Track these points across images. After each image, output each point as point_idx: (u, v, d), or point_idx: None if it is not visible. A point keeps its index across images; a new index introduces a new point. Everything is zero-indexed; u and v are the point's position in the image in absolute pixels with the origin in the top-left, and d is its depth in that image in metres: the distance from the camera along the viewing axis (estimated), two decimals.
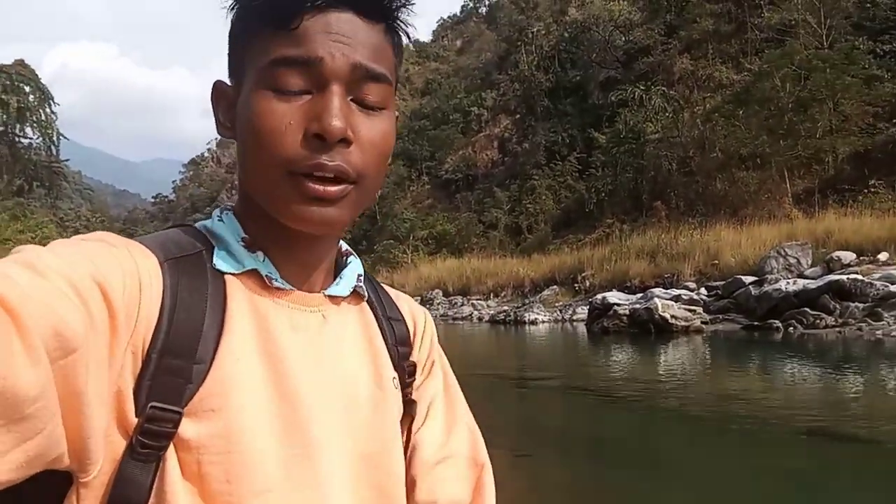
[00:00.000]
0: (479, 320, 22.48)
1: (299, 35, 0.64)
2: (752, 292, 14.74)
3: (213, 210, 0.77)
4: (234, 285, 0.68)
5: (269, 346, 0.67)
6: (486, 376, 9.84)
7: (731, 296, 15.61)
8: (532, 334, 17.36)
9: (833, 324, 12.64)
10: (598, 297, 17.05)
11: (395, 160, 51.02)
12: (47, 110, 38.77)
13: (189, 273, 0.66)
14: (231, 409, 0.63)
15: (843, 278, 13.43)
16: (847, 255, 15.48)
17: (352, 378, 0.74)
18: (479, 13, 78.00)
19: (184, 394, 0.61)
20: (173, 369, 0.61)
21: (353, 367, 0.74)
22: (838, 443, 5.53)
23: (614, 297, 16.46)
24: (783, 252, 16.16)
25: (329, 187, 0.66)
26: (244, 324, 0.67)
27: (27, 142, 39.51)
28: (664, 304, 14.62)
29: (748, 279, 15.53)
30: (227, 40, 0.72)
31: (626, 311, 15.13)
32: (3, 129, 37.38)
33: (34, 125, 38.31)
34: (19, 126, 37.97)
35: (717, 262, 18.77)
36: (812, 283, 13.85)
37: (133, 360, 0.60)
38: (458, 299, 27.43)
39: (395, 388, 0.78)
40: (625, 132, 29.51)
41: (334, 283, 0.76)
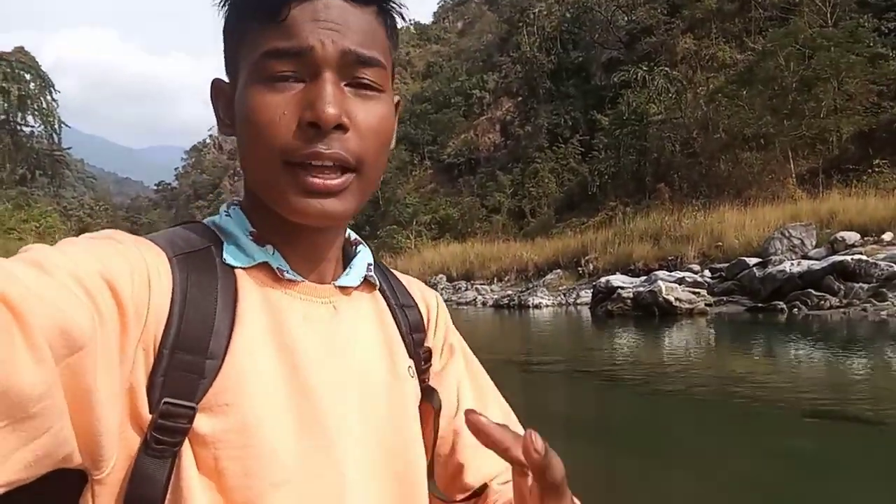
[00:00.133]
0: (483, 305, 22.53)
1: (288, 26, 0.64)
2: (756, 274, 14.72)
3: (220, 205, 0.76)
4: (245, 279, 0.68)
5: (282, 338, 0.67)
6: (491, 361, 9.71)
7: (735, 277, 15.60)
8: (536, 318, 17.39)
9: (837, 305, 12.64)
10: (602, 280, 17.09)
11: (398, 145, 50.69)
12: (48, 98, 38.62)
13: (199, 268, 0.66)
14: (246, 402, 0.62)
15: (848, 259, 13.41)
16: (851, 236, 15.44)
17: (366, 368, 0.73)
18: None
19: (197, 389, 0.61)
20: (186, 365, 0.61)
21: (368, 356, 0.74)
22: (843, 424, 5.54)
23: (618, 280, 16.50)
24: (787, 233, 16.12)
25: (330, 180, 0.65)
26: (256, 317, 0.66)
27: (29, 130, 39.44)
28: (668, 286, 14.63)
29: (752, 261, 15.51)
30: (221, 38, 0.72)
31: (630, 295, 15.15)
32: (4, 117, 37.29)
33: (35, 113, 38.17)
34: (20, 114, 37.86)
35: (720, 243, 18.75)
36: (816, 264, 13.83)
37: (145, 357, 0.60)
38: (462, 284, 27.48)
39: (412, 377, 0.78)
40: (627, 114, 29.34)
41: (344, 274, 0.76)
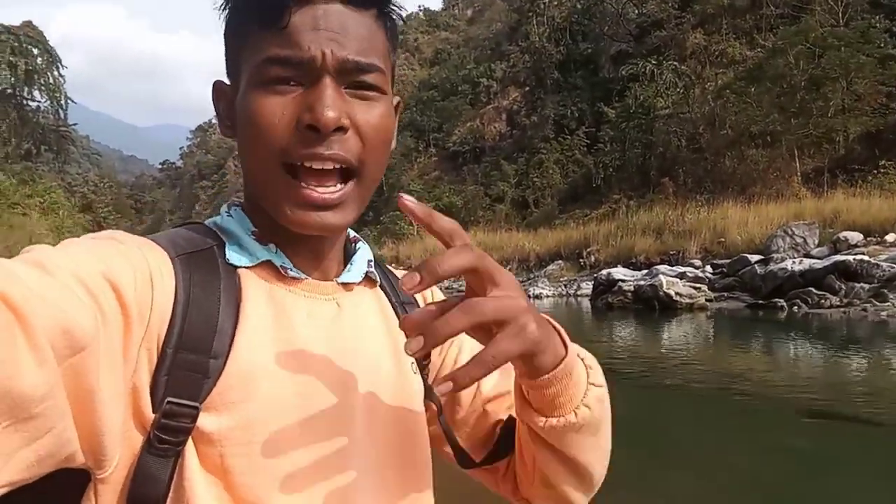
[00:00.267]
0: None
1: (289, 33, 0.64)
2: (758, 271, 14.72)
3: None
4: (249, 278, 0.69)
5: (286, 336, 0.67)
6: None
7: (736, 274, 15.60)
8: (536, 309, 17.40)
9: (838, 304, 12.63)
10: (604, 272, 17.09)
11: (403, 131, 50.68)
12: (55, 73, 38.43)
13: (202, 268, 0.66)
14: (251, 400, 0.63)
15: (850, 258, 13.38)
16: (854, 236, 15.42)
17: (371, 364, 0.74)
18: None
19: (201, 388, 0.61)
20: (189, 364, 0.61)
21: (372, 352, 0.75)
22: (840, 423, 5.54)
23: (619, 273, 16.50)
24: (790, 231, 16.11)
25: (328, 193, 0.66)
26: (260, 315, 0.67)
27: (35, 105, 39.33)
28: (669, 280, 14.64)
29: (754, 258, 15.50)
30: (223, 41, 0.72)
31: (631, 288, 15.16)
32: (10, 91, 37.17)
33: (42, 88, 38.00)
34: (27, 89, 37.73)
35: (723, 240, 18.74)
36: (818, 263, 13.81)
37: (148, 356, 0.60)
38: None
39: (415, 373, 0.79)
40: (634, 107, 29.25)
41: (345, 271, 0.77)
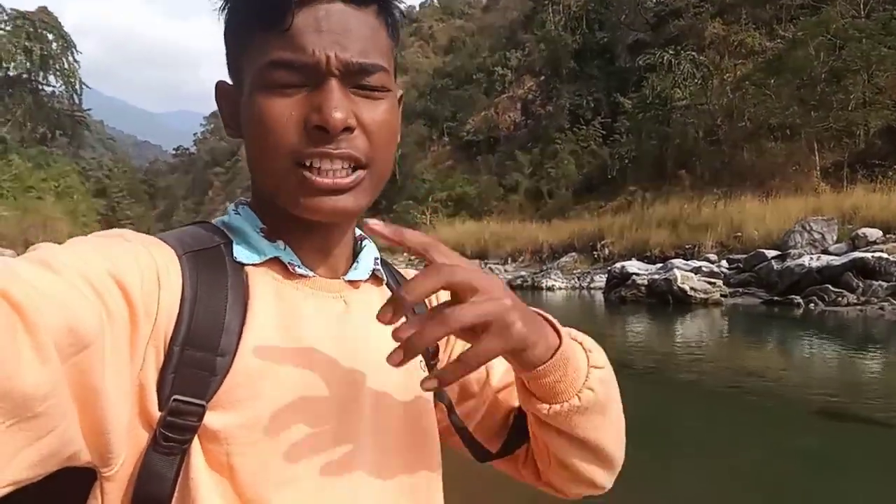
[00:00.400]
0: None
1: (292, 35, 0.64)
2: (775, 267, 14.60)
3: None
4: (256, 275, 0.69)
5: (294, 333, 0.67)
6: None
7: (752, 269, 15.48)
8: (549, 301, 17.37)
9: (855, 302, 12.52)
10: (618, 265, 17.02)
11: (417, 119, 50.61)
12: (70, 59, 38.86)
13: (209, 266, 0.66)
14: (258, 398, 0.63)
15: (868, 256, 13.27)
16: (873, 233, 15.24)
17: (379, 362, 0.71)
18: None
19: (208, 386, 0.61)
20: (196, 362, 0.61)
21: (380, 350, 0.72)
22: (854, 423, 5.51)
23: (633, 266, 16.41)
24: (808, 227, 15.94)
25: (339, 178, 0.66)
26: (268, 312, 0.67)
27: (50, 90, 39.73)
28: (684, 275, 14.53)
29: (771, 253, 15.39)
30: (223, 40, 0.72)
31: (645, 282, 15.09)
32: (26, 76, 37.56)
33: (57, 73, 38.46)
34: (42, 74, 38.13)
35: (739, 234, 18.58)
36: (836, 260, 13.69)
37: (155, 354, 0.60)
38: (476, 263, 27.39)
39: (423, 371, 0.78)
40: (651, 97, 28.99)
41: (352, 268, 0.77)
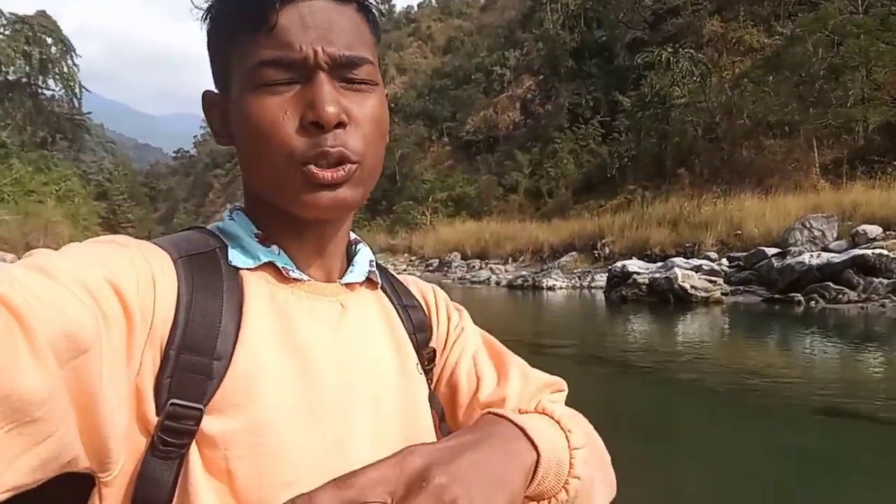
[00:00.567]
0: (497, 285, 22.50)
1: (278, 34, 0.65)
2: (775, 264, 14.57)
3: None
4: (251, 280, 0.69)
5: (290, 337, 0.67)
6: (502, 342, 9.84)
7: (752, 267, 15.45)
8: (549, 300, 17.35)
9: (856, 299, 12.49)
10: (618, 264, 16.98)
11: (416, 120, 50.59)
12: (69, 62, 38.86)
13: (204, 270, 0.66)
14: (256, 402, 0.62)
15: (868, 253, 13.23)
16: (873, 229, 15.21)
17: (376, 364, 0.73)
18: None
19: (205, 390, 0.61)
20: (192, 366, 0.61)
21: (377, 353, 0.74)
22: (856, 421, 5.48)
23: (634, 265, 16.37)
24: (808, 224, 15.92)
25: (335, 173, 0.67)
26: (263, 317, 0.67)
27: (50, 94, 39.75)
28: (684, 273, 14.51)
29: (771, 251, 15.35)
30: (206, 50, 0.73)
31: (646, 280, 15.05)
32: (25, 80, 37.56)
33: (56, 77, 38.46)
34: (42, 78, 38.14)
35: (739, 232, 18.55)
36: (836, 257, 13.66)
37: (152, 359, 0.60)
38: (476, 263, 27.48)
39: (420, 374, 0.78)
40: (650, 96, 28.93)
41: (348, 271, 0.77)
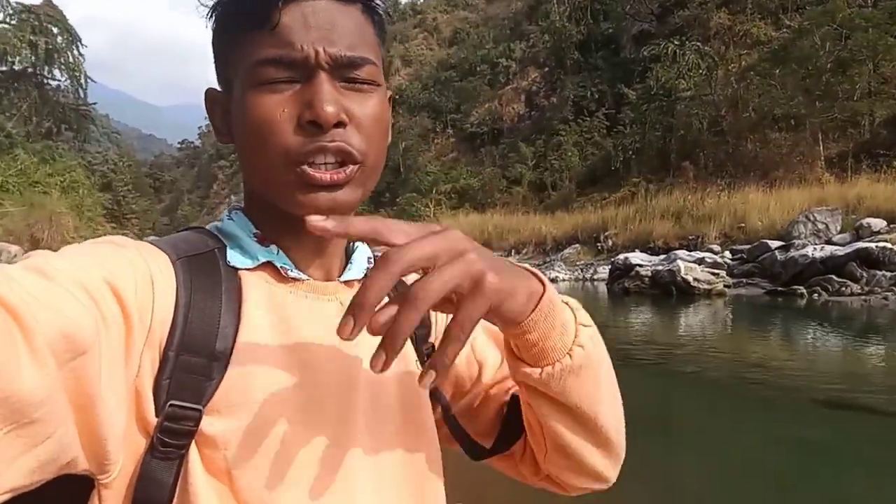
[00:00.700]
0: None
1: (280, 33, 0.64)
2: (778, 257, 14.56)
3: (223, 212, 0.76)
4: (250, 280, 0.68)
5: (289, 337, 0.67)
6: None
7: (756, 260, 15.44)
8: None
9: (859, 292, 12.48)
10: (621, 257, 16.98)
11: (420, 112, 50.46)
12: (75, 52, 38.74)
13: (202, 270, 0.66)
14: (255, 402, 0.62)
15: (872, 246, 13.22)
16: (877, 223, 15.18)
17: None
18: None
19: (204, 391, 0.61)
20: (191, 367, 0.61)
21: (375, 350, 0.74)
22: (859, 414, 5.49)
23: (637, 257, 16.38)
24: (812, 217, 15.90)
25: (334, 174, 0.66)
26: (262, 317, 0.66)
27: (55, 84, 39.68)
28: (687, 266, 14.51)
29: (774, 244, 15.34)
30: (211, 49, 0.73)
31: (649, 273, 15.06)
32: (31, 70, 37.54)
33: (62, 67, 38.37)
34: (47, 68, 38.09)
35: (743, 225, 18.53)
36: (840, 250, 13.64)
37: (151, 360, 0.60)
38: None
39: (419, 370, 0.77)
40: (656, 88, 28.83)
41: (346, 269, 0.76)
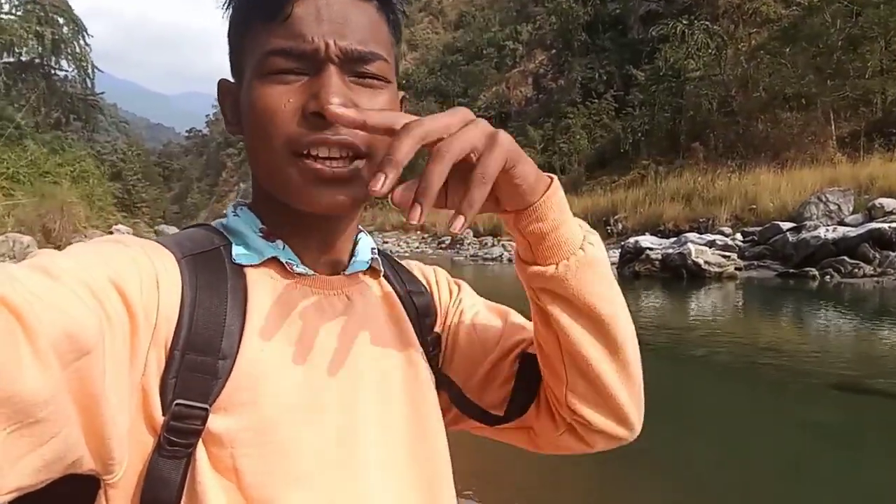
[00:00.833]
0: (510, 262, 22.47)
1: (292, 25, 0.64)
2: (790, 239, 14.46)
3: (228, 209, 0.77)
4: (256, 277, 0.68)
5: (295, 333, 0.67)
6: None
7: (767, 242, 15.33)
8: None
9: (871, 273, 12.40)
10: (631, 240, 16.90)
11: (427, 96, 50.25)
12: (81, 42, 38.77)
13: (208, 268, 0.66)
14: (261, 399, 0.62)
15: (885, 226, 13.09)
16: (890, 203, 15.01)
17: (382, 356, 0.73)
18: None
19: (211, 390, 0.61)
20: (197, 366, 0.61)
21: (382, 343, 0.74)
22: (871, 397, 5.48)
23: (647, 240, 16.29)
24: (824, 198, 15.76)
25: (337, 168, 0.65)
26: (268, 313, 0.66)
27: (63, 74, 39.75)
28: (698, 249, 14.43)
29: (786, 225, 15.22)
30: (226, 40, 0.73)
31: (659, 256, 14.98)
32: (38, 61, 37.61)
33: (69, 57, 38.41)
34: (54, 58, 38.15)
35: (754, 206, 18.39)
36: (852, 231, 13.53)
37: (157, 359, 0.60)
38: (489, 240, 27.41)
39: (424, 362, 0.78)
40: (664, 69, 28.53)
41: (351, 263, 0.76)
